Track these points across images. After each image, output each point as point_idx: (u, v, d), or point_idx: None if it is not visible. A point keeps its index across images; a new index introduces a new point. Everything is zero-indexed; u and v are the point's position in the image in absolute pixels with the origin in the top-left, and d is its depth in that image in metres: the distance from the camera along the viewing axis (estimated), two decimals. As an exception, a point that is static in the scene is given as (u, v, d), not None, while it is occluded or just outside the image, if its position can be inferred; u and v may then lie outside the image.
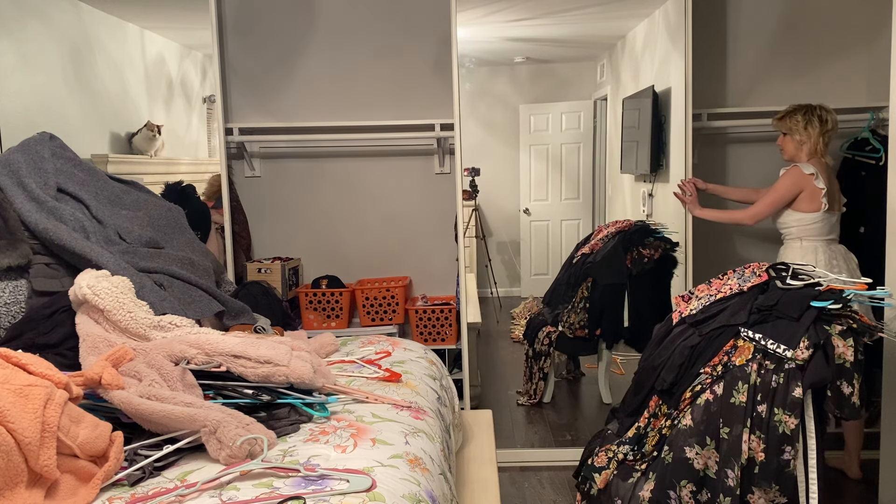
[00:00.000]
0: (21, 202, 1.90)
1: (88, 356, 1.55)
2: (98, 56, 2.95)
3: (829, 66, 3.45)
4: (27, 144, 2.07)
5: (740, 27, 3.48)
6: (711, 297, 2.19)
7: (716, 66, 3.48)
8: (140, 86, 3.11)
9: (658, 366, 2.15)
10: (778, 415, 1.83)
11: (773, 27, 3.46)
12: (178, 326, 1.75)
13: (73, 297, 1.69)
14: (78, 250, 1.86)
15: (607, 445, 2.23)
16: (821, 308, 1.87)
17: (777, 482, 1.84)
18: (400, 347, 2.12)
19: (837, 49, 3.44)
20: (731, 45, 3.48)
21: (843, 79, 3.44)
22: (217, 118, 3.07)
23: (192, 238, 2.30)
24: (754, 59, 3.49)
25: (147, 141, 3.01)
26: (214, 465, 1.25)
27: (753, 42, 3.48)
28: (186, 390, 1.44)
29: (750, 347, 1.94)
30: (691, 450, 1.95)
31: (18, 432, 1.06)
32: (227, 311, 2.10)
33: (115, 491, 1.19)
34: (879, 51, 3.07)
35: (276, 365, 1.53)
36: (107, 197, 2.14)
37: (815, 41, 3.44)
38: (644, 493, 2.02)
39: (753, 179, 3.57)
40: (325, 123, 3.15)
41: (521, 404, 3.46)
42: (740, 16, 3.49)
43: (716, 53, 3.41)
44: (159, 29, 3.18)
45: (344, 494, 1.12)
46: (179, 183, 2.97)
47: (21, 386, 1.13)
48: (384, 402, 1.60)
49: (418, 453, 1.38)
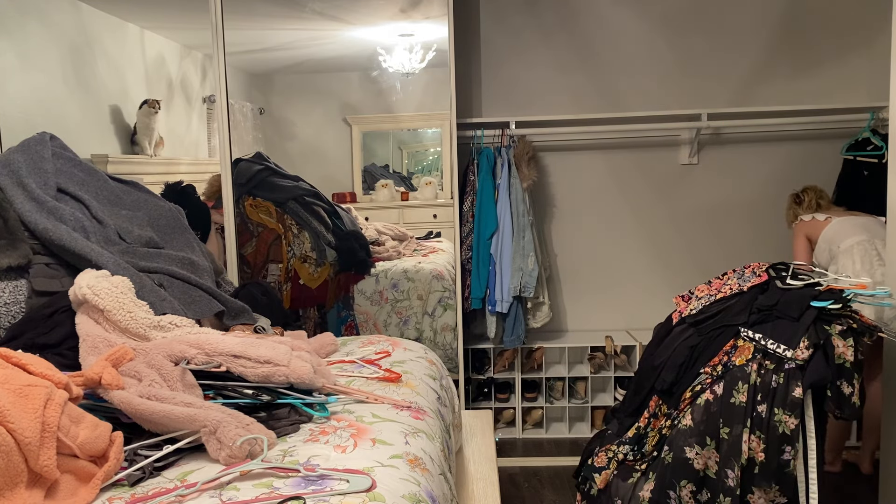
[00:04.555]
0: (21, 202, 1.89)
1: (88, 356, 1.55)
2: (98, 56, 2.95)
3: (829, 66, 3.46)
4: (27, 144, 2.07)
5: (740, 27, 3.48)
6: (711, 297, 2.19)
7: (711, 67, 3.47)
8: (140, 86, 3.11)
9: (658, 366, 2.15)
10: (778, 415, 1.83)
11: (773, 27, 3.46)
12: (178, 326, 1.75)
13: (73, 297, 1.69)
14: (78, 250, 1.86)
15: (607, 445, 2.23)
16: (821, 308, 1.87)
17: (777, 482, 1.84)
18: (400, 347, 2.12)
19: (837, 49, 3.44)
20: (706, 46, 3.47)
21: (843, 79, 3.45)
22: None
23: (192, 238, 2.30)
24: (754, 59, 3.49)
25: (148, 117, 3.01)
26: (214, 465, 1.25)
27: (753, 42, 3.49)
28: (186, 390, 1.44)
29: (750, 347, 1.94)
30: (691, 450, 1.95)
31: (18, 432, 1.06)
32: (227, 311, 2.10)
33: (115, 491, 1.19)
34: (879, 51, 3.07)
35: (276, 365, 1.53)
36: (107, 197, 2.14)
37: (815, 41, 3.45)
38: (644, 493, 2.02)
39: (753, 179, 3.58)
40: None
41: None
42: (740, 16, 3.49)
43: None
44: (159, 29, 3.18)
45: (344, 494, 1.12)
46: (179, 183, 2.97)
47: (21, 386, 1.13)
48: (384, 402, 1.60)
49: (418, 453, 1.38)
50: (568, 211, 3.67)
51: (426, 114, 3.50)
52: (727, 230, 3.58)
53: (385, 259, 3.42)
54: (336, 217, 3.41)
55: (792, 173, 3.49)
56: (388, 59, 3.35)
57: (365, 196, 3.56)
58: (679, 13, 3.48)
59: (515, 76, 3.55)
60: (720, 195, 3.56)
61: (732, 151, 3.57)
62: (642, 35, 3.50)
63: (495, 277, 3.35)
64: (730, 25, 3.47)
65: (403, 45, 3.33)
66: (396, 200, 3.57)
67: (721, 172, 3.56)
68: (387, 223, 3.54)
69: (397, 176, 3.63)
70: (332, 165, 3.56)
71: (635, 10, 3.49)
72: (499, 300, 3.33)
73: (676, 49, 3.50)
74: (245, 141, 3.32)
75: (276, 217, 3.30)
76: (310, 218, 3.35)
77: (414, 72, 3.35)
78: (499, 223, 3.33)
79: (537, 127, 3.47)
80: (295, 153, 3.52)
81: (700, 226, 3.62)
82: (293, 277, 3.31)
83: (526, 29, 3.51)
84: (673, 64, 3.51)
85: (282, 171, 3.38)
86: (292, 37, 3.46)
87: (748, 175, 3.56)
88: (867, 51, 3.39)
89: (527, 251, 3.34)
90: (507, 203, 3.33)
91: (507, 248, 3.32)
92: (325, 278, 3.35)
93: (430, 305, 3.35)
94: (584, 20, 3.50)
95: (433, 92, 3.35)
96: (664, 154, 3.59)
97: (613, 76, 3.53)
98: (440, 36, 3.17)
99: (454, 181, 3.25)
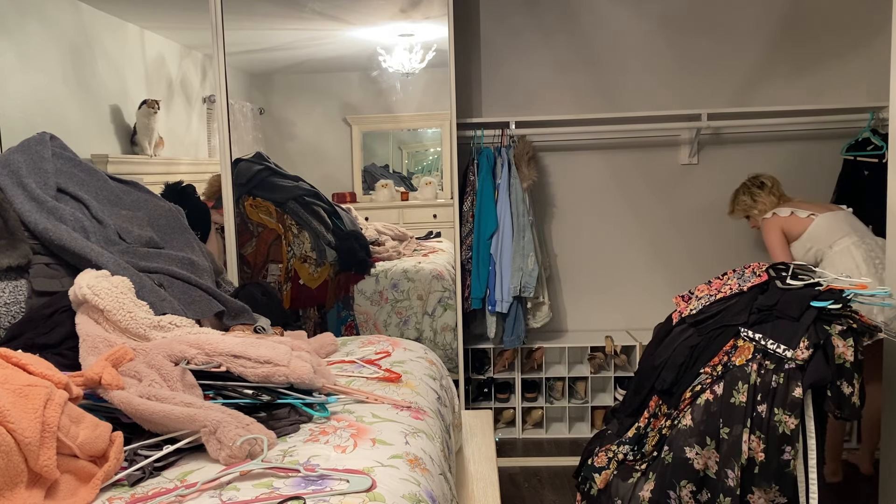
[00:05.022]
0: (21, 202, 1.89)
1: (88, 356, 1.55)
2: (98, 56, 2.95)
3: (829, 66, 3.46)
4: (27, 144, 2.07)
5: (740, 27, 3.48)
6: (711, 296, 2.19)
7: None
8: (140, 86, 3.11)
9: (658, 366, 2.15)
10: (778, 415, 1.83)
11: (773, 27, 3.46)
12: (178, 326, 1.75)
13: (73, 298, 1.69)
14: (78, 250, 1.86)
15: (607, 445, 2.23)
16: (821, 308, 1.87)
17: (777, 482, 1.84)
18: (400, 347, 2.12)
19: (837, 49, 3.44)
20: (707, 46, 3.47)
21: (843, 79, 3.45)
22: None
23: (192, 238, 2.30)
24: (754, 59, 3.49)
25: (147, 117, 3.01)
26: (214, 465, 1.25)
27: (753, 42, 3.49)
28: (186, 390, 1.44)
29: (750, 347, 1.94)
30: (691, 450, 1.95)
31: (18, 432, 1.06)
32: (227, 311, 2.10)
33: (115, 491, 1.19)
34: (879, 51, 3.07)
35: (276, 365, 1.53)
36: (107, 197, 2.14)
37: (815, 41, 3.45)
38: (644, 494, 2.02)
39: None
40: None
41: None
42: (740, 15, 3.49)
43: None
44: (159, 29, 3.18)
45: (344, 494, 1.12)
46: (179, 183, 2.97)
47: (21, 386, 1.13)
48: (384, 402, 1.60)
49: (418, 453, 1.38)
50: (568, 211, 3.67)
51: (426, 114, 3.50)
52: (727, 230, 3.58)
53: (385, 259, 3.42)
54: (336, 217, 3.41)
55: (792, 173, 3.49)
56: (388, 59, 3.35)
57: (365, 196, 3.56)
58: (679, 13, 3.48)
59: (515, 76, 3.55)
60: (720, 195, 3.55)
61: (732, 151, 3.57)
62: (642, 35, 3.50)
63: (495, 277, 3.35)
64: (730, 25, 3.47)
65: (403, 45, 3.33)
66: (396, 200, 3.57)
67: (721, 172, 3.56)
68: (387, 223, 3.54)
69: (397, 176, 3.63)
70: (332, 165, 3.56)
71: (635, 9, 3.49)
72: (499, 300, 3.33)
73: (676, 49, 3.50)
74: (245, 141, 3.32)
75: (276, 217, 3.30)
76: (310, 218, 3.35)
77: (414, 72, 3.35)
78: (499, 223, 3.33)
79: (537, 127, 3.47)
80: (295, 153, 3.52)
81: (700, 226, 3.62)
82: (293, 277, 3.31)
83: (526, 29, 3.52)
84: (673, 64, 3.51)
85: (282, 171, 3.38)
86: (292, 37, 3.46)
87: (748, 175, 3.56)
88: (867, 51, 3.39)
89: (527, 251, 3.34)
90: (507, 203, 3.33)
91: (507, 248, 3.32)
92: (325, 278, 3.35)
93: (430, 305, 3.35)
94: (585, 20, 3.50)
95: (433, 92, 3.35)
96: (664, 154, 3.59)
97: (613, 76, 3.53)
98: (440, 36, 3.17)
99: (454, 181, 3.25)
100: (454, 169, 3.23)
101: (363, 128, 3.54)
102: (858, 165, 3.25)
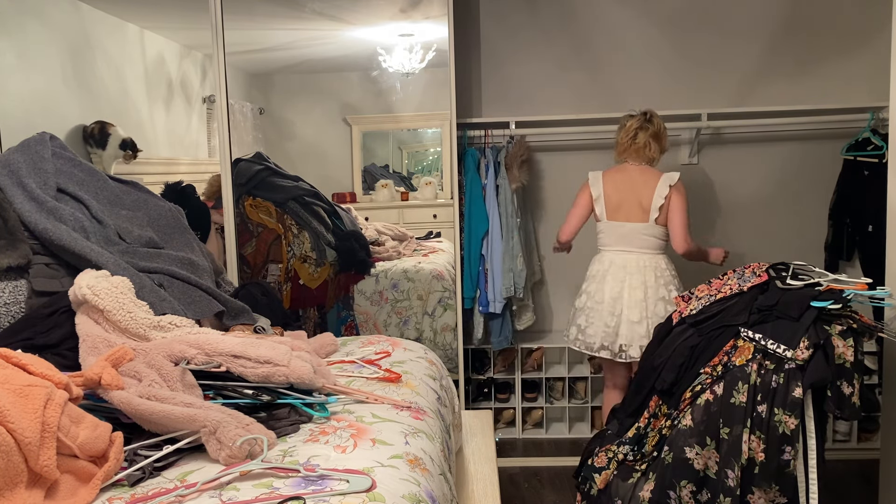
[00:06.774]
0: (21, 202, 1.89)
1: (88, 356, 1.55)
2: (98, 56, 2.95)
3: (829, 66, 3.45)
4: (27, 144, 2.06)
5: (740, 27, 3.48)
6: (711, 297, 2.19)
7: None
8: (140, 86, 3.11)
9: (658, 366, 2.15)
10: (778, 415, 1.83)
11: (774, 27, 3.46)
12: (178, 326, 1.75)
13: (73, 298, 1.69)
14: (78, 250, 1.86)
15: (607, 446, 2.23)
16: (821, 308, 1.87)
17: (777, 482, 1.84)
18: (400, 347, 2.12)
19: (837, 49, 3.44)
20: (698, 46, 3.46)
21: (843, 79, 3.44)
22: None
23: (192, 238, 2.30)
24: (754, 59, 3.49)
25: (118, 160, 2.94)
26: (214, 466, 1.25)
27: (753, 42, 3.48)
28: (186, 390, 1.44)
29: (750, 347, 1.94)
30: (691, 450, 1.95)
31: (18, 432, 1.06)
32: (227, 311, 2.10)
33: (115, 491, 1.19)
34: (879, 51, 3.07)
35: (276, 365, 1.53)
36: (107, 197, 2.14)
37: (815, 41, 3.44)
38: (644, 494, 2.02)
39: (753, 179, 3.58)
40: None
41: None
42: (740, 15, 3.49)
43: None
44: (159, 29, 3.18)
45: (344, 495, 1.12)
46: (179, 183, 2.97)
47: (21, 386, 1.13)
48: (384, 403, 1.60)
49: (418, 453, 1.38)
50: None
51: (426, 114, 3.50)
52: (727, 230, 3.58)
53: (385, 259, 3.42)
54: (336, 217, 3.41)
55: (792, 173, 3.49)
56: (388, 59, 3.35)
57: (365, 196, 3.57)
58: (679, 13, 3.48)
59: (515, 76, 3.55)
60: (720, 195, 3.56)
61: (732, 151, 3.57)
62: (642, 34, 3.50)
63: (486, 278, 3.35)
64: (730, 25, 3.47)
65: (403, 45, 3.33)
66: (396, 200, 3.57)
67: (721, 172, 3.56)
68: (387, 223, 3.54)
69: (397, 176, 3.63)
70: (332, 165, 3.56)
71: (635, 9, 3.48)
72: (492, 301, 3.34)
73: (676, 49, 3.50)
74: (245, 141, 3.32)
75: (276, 217, 3.30)
76: (310, 218, 3.35)
77: (414, 72, 3.35)
78: (489, 224, 3.33)
79: (537, 127, 3.47)
80: (295, 153, 3.52)
81: (700, 226, 3.62)
82: (293, 277, 3.31)
83: (526, 29, 3.51)
84: (673, 63, 3.51)
85: (282, 171, 3.38)
86: (292, 37, 3.46)
87: (748, 175, 3.56)
88: (867, 51, 3.39)
89: (515, 252, 3.35)
90: (494, 204, 3.33)
91: (497, 249, 3.32)
92: (325, 278, 3.35)
93: (430, 305, 3.35)
94: (585, 20, 3.50)
95: (433, 92, 3.35)
96: (664, 154, 3.59)
97: (613, 76, 3.53)
98: (440, 36, 3.17)
99: (454, 181, 3.25)
100: (454, 169, 3.23)
101: (363, 128, 3.54)
102: (858, 165, 3.25)
